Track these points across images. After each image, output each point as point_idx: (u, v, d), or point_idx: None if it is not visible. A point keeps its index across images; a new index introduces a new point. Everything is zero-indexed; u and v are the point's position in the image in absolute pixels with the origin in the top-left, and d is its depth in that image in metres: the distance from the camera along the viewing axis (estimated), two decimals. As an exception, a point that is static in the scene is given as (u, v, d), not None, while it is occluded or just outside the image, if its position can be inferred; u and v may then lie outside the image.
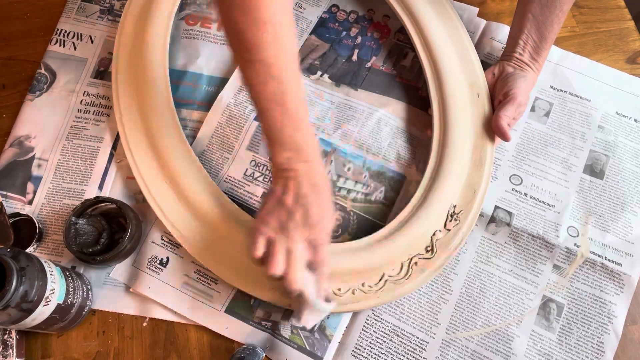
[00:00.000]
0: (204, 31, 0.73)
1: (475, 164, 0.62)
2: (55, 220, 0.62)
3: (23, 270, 0.48)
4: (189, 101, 0.68)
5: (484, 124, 0.64)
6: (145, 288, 0.58)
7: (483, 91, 0.65)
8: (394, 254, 0.58)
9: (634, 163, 0.65)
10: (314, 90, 0.69)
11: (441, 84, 0.65)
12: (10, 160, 0.65)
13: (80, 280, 0.56)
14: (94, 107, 0.68)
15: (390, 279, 0.57)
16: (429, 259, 0.58)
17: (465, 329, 0.57)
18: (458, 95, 0.64)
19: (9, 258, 0.48)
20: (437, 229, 0.59)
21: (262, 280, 0.57)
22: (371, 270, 0.57)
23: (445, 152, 0.61)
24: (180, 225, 0.59)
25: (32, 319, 0.49)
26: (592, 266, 0.60)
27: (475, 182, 0.61)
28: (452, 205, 0.60)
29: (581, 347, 0.56)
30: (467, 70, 0.66)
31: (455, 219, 0.60)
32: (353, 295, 0.57)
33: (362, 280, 0.57)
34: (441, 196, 0.59)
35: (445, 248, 0.59)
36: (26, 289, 0.47)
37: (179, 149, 0.62)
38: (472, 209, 0.60)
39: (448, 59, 0.66)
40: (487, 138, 0.63)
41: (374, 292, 0.57)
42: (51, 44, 0.72)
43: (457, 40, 0.68)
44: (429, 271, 0.58)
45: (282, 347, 0.56)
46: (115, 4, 0.75)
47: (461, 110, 0.63)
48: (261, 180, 0.64)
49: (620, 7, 0.75)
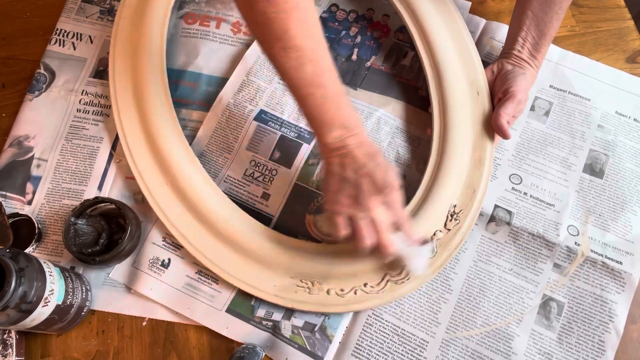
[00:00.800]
0: (202, 30, 0.72)
1: (475, 163, 0.61)
2: (54, 221, 0.61)
3: (22, 271, 0.47)
4: (188, 101, 0.67)
5: (484, 122, 0.63)
6: (147, 289, 0.58)
7: (483, 89, 0.64)
8: None
9: (633, 162, 0.65)
10: (314, 90, 0.68)
11: (441, 82, 0.64)
12: (9, 160, 0.64)
13: (79, 281, 0.55)
14: (93, 107, 0.67)
15: (391, 279, 0.57)
16: (430, 258, 0.57)
17: (466, 328, 0.57)
18: (458, 94, 0.63)
19: (8, 259, 0.47)
20: (438, 229, 0.59)
21: (263, 280, 0.56)
22: (374, 271, 0.57)
23: (446, 151, 0.61)
24: (181, 226, 0.59)
25: (31, 319, 0.48)
26: (593, 265, 0.59)
27: (475, 182, 0.60)
28: (452, 205, 0.59)
29: (582, 346, 0.56)
30: (468, 68, 0.65)
31: (456, 219, 0.59)
32: (355, 296, 0.56)
33: (364, 280, 0.57)
34: (441, 196, 0.59)
35: (445, 248, 0.58)
36: (25, 290, 0.46)
37: (178, 150, 0.61)
38: (472, 208, 0.59)
39: (449, 57, 0.65)
40: (487, 137, 0.62)
41: (375, 292, 0.56)
42: (50, 44, 0.71)
43: (458, 37, 0.67)
44: (429, 271, 0.57)
45: (283, 346, 0.56)
46: (115, 5, 0.74)
47: (461, 108, 0.63)
48: (261, 180, 0.63)
49: (620, 7, 0.75)
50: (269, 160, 0.64)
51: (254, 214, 0.61)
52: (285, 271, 0.57)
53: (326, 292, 0.56)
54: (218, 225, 0.58)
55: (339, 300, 0.56)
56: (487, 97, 0.64)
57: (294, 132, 0.65)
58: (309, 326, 0.57)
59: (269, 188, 0.63)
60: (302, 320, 0.57)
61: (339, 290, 0.56)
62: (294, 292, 0.56)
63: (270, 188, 0.63)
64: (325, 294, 0.56)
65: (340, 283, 0.56)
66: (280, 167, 0.63)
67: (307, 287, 0.56)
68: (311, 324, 0.57)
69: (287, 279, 0.57)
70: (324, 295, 0.56)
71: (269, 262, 0.57)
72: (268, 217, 0.62)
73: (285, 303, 0.56)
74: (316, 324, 0.57)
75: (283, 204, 0.62)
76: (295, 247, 0.58)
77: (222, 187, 0.63)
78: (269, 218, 0.62)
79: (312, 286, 0.56)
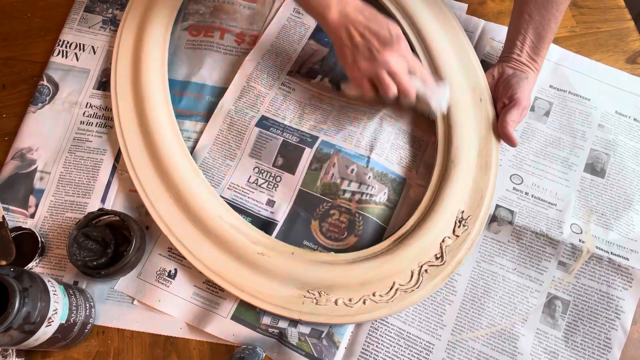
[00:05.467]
0: (207, 40, 0.68)
1: (482, 168, 0.57)
2: (58, 234, 0.57)
3: (26, 290, 0.43)
4: (192, 112, 0.64)
5: (488, 127, 0.59)
6: (155, 301, 0.54)
7: (485, 95, 0.61)
8: (403, 263, 0.53)
9: (634, 162, 0.61)
10: (314, 93, 0.64)
11: None
12: (12, 173, 0.60)
13: (83, 297, 0.51)
14: (97, 119, 0.63)
15: (400, 287, 0.53)
16: (439, 266, 0.53)
17: (471, 329, 0.53)
18: (461, 100, 0.60)
19: (12, 278, 0.43)
20: (446, 235, 0.55)
21: (269, 292, 0.53)
22: (381, 280, 0.53)
23: (451, 158, 0.57)
24: (185, 240, 0.55)
25: (34, 339, 0.44)
26: (599, 261, 0.55)
27: (483, 187, 0.57)
28: (460, 210, 0.56)
29: (587, 344, 0.53)
30: (469, 75, 0.62)
31: (464, 225, 0.55)
32: (364, 306, 0.52)
33: (373, 290, 0.53)
34: (449, 202, 0.55)
35: (455, 255, 0.54)
36: (29, 310, 0.43)
37: (181, 163, 0.57)
38: (480, 214, 0.56)
39: (449, 65, 0.62)
40: (492, 142, 0.59)
41: (385, 301, 0.52)
42: (53, 56, 0.66)
43: (457, 44, 0.63)
44: (439, 278, 0.53)
45: (290, 354, 0.52)
46: (118, 14, 0.69)
47: (465, 115, 0.59)
48: (265, 187, 0.59)
49: (620, 7, 0.71)
50: (272, 167, 0.60)
51: (259, 220, 0.58)
52: (291, 282, 0.53)
53: (334, 302, 0.52)
54: (222, 237, 0.54)
55: (347, 311, 0.52)
56: (490, 103, 0.60)
57: (296, 137, 0.61)
58: (316, 333, 0.53)
59: (274, 195, 0.59)
60: (309, 328, 0.53)
61: (347, 300, 0.52)
62: (300, 304, 0.52)
63: (275, 195, 0.59)
64: (333, 305, 0.52)
65: (348, 293, 0.53)
66: (284, 173, 0.59)
67: (314, 298, 0.52)
68: (318, 330, 0.53)
69: (294, 290, 0.53)
70: (331, 305, 0.52)
71: (275, 273, 0.53)
72: (273, 223, 0.58)
73: (291, 315, 0.52)
74: (323, 331, 0.53)
75: (288, 211, 0.58)
76: (301, 257, 0.54)
77: (226, 195, 0.59)
78: (274, 224, 0.58)
79: (319, 297, 0.52)
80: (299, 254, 0.54)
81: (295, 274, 0.53)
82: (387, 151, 0.60)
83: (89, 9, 0.70)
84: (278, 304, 0.52)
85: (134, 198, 0.59)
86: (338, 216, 0.57)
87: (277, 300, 0.52)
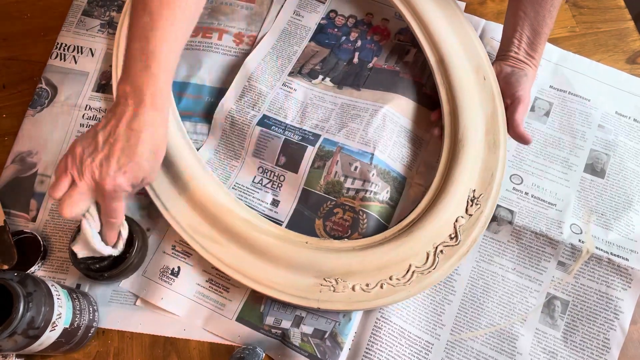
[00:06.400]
0: (205, 41, 0.67)
1: (490, 146, 0.57)
2: (59, 237, 0.57)
3: (30, 295, 0.43)
4: (191, 113, 0.63)
5: (493, 106, 0.58)
6: (157, 299, 0.54)
7: (489, 74, 0.60)
8: (418, 245, 0.53)
9: (634, 162, 0.61)
10: (316, 93, 0.64)
11: (446, 70, 0.59)
12: (12, 177, 0.59)
13: (86, 301, 0.51)
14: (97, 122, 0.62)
15: (417, 269, 0.52)
16: (454, 245, 0.53)
17: (470, 329, 0.53)
18: (465, 80, 0.59)
19: (16, 283, 0.43)
20: (459, 215, 0.54)
21: (285, 282, 0.52)
22: (397, 264, 0.52)
23: (459, 138, 0.56)
24: (197, 235, 0.54)
25: (38, 344, 0.44)
26: (599, 262, 0.55)
27: (492, 165, 0.56)
28: (472, 190, 0.55)
29: (586, 344, 0.52)
30: (471, 55, 0.61)
31: (476, 203, 0.54)
32: (382, 290, 0.52)
33: (389, 273, 0.52)
34: (460, 182, 0.54)
35: (469, 233, 0.53)
36: (33, 315, 0.42)
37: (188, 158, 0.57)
38: (492, 191, 0.55)
39: (450, 45, 0.60)
40: (499, 120, 0.58)
41: (402, 284, 0.52)
42: (51, 58, 0.66)
43: (457, 24, 0.62)
44: (455, 258, 0.53)
45: (293, 355, 0.52)
46: (115, 17, 0.68)
47: (469, 95, 0.58)
48: (270, 186, 0.59)
49: (620, 7, 0.70)
50: (275, 166, 0.59)
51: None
52: (308, 271, 0.52)
53: (351, 288, 0.52)
54: (235, 230, 0.53)
55: (365, 296, 0.51)
56: (494, 82, 0.59)
57: (298, 135, 0.60)
58: (319, 333, 0.53)
59: (278, 194, 0.59)
60: (312, 328, 0.53)
61: (364, 285, 0.52)
62: (318, 292, 0.51)
63: (280, 194, 0.59)
64: (350, 291, 0.51)
65: (365, 278, 0.52)
66: (288, 172, 0.59)
67: (331, 286, 0.52)
68: (321, 331, 0.53)
69: (310, 279, 0.52)
70: (349, 292, 0.51)
71: (290, 263, 0.52)
72: (278, 223, 0.58)
73: (309, 304, 0.51)
74: (326, 331, 0.53)
75: (292, 210, 0.58)
76: (316, 245, 0.53)
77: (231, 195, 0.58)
78: (279, 224, 0.57)
79: (336, 284, 0.52)
80: (313, 242, 0.54)
81: (311, 262, 0.52)
82: (389, 148, 0.60)
83: (87, 12, 0.69)
84: (295, 294, 0.51)
85: (135, 200, 0.58)
86: (342, 214, 0.57)
87: (295, 291, 0.52)
